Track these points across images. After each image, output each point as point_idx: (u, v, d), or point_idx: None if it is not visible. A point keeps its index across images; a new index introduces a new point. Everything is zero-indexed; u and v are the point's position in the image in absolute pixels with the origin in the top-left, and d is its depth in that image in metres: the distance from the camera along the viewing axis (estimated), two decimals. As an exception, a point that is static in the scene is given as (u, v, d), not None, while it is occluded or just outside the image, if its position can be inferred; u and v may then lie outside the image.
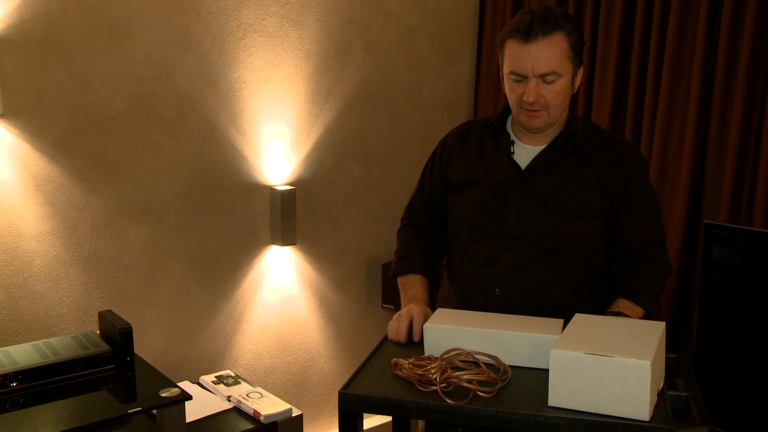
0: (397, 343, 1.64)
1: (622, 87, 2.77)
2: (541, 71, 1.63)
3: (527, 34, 1.62)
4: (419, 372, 1.39)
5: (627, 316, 1.68)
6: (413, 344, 1.63)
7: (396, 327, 1.66)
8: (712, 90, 2.48)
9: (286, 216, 2.72)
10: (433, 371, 1.38)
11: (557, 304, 1.70)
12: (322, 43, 2.82)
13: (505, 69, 1.70)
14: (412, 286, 1.84)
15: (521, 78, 1.66)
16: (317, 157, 2.87)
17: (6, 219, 2.16)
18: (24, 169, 2.18)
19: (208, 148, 2.56)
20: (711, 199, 2.50)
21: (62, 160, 2.25)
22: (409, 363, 1.43)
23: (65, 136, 2.25)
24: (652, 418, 1.23)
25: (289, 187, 2.74)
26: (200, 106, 2.52)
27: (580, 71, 1.72)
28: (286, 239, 2.74)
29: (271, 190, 2.74)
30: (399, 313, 1.72)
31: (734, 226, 2.24)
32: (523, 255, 1.72)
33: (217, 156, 2.59)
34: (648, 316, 1.76)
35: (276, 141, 2.74)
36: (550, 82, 1.64)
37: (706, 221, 2.30)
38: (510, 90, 1.70)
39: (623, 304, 1.73)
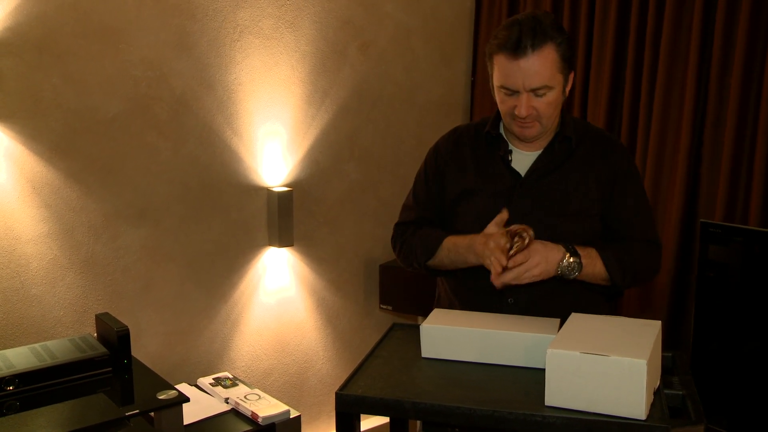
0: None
1: (617, 87, 2.77)
2: (532, 86, 1.60)
3: (516, 49, 1.57)
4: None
5: (578, 255, 1.63)
6: (409, 345, 1.62)
7: (492, 247, 1.57)
8: (707, 89, 2.49)
9: (283, 217, 2.72)
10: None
11: (569, 306, 1.67)
12: (318, 45, 2.82)
13: (495, 82, 1.67)
14: (456, 241, 1.71)
15: (512, 92, 1.63)
16: (314, 158, 2.87)
17: (2, 222, 2.16)
18: (20, 172, 2.18)
19: (204, 150, 2.56)
20: (707, 198, 2.51)
21: (58, 162, 2.25)
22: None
23: (61, 139, 2.24)
24: (649, 416, 1.23)
25: (285, 189, 2.74)
26: (196, 108, 2.52)
27: (572, 76, 1.69)
28: (283, 241, 2.74)
29: (267, 191, 2.74)
30: (475, 241, 1.63)
31: (730, 224, 2.25)
32: None
33: (213, 158, 2.59)
34: (609, 289, 1.74)
35: (272, 142, 2.74)
36: (541, 95, 1.62)
37: (701, 220, 2.31)
38: (501, 102, 1.68)
39: (586, 249, 1.66)
